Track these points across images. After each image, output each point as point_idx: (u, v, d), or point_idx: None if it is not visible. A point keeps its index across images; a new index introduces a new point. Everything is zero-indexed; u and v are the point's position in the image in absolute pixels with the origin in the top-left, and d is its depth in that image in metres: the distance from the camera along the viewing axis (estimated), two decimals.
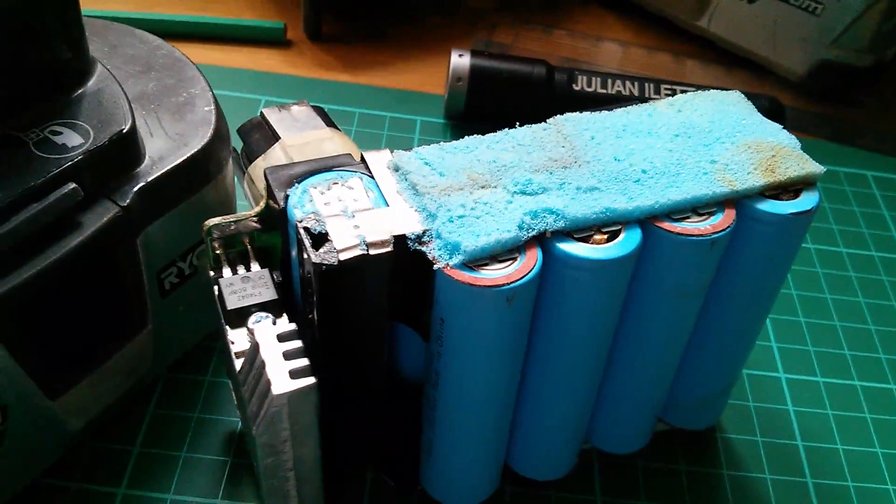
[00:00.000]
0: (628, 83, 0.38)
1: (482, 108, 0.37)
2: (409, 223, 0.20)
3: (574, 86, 0.37)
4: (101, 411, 0.24)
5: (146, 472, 0.25)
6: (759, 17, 0.43)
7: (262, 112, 0.29)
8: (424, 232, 0.20)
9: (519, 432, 0.24)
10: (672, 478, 0.27)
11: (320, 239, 0.19)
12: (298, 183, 0.21)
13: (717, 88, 0.25)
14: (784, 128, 0.38)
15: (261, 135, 0.29)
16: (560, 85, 0.37)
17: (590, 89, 0.37)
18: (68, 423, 0.23)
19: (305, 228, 0.19)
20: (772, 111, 0.38)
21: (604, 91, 0.37)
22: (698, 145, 0.22)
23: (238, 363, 0.20)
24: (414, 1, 0.47)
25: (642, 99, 0.37)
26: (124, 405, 0.26)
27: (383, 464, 0.25)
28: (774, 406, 0.30)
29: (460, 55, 0.37)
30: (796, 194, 0.22)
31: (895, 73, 0.46)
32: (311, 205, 0.20)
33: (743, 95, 0.25)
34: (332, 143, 0.28)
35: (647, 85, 0.38)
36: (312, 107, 0.30)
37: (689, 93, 0.25)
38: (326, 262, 0.19)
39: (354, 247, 0.19)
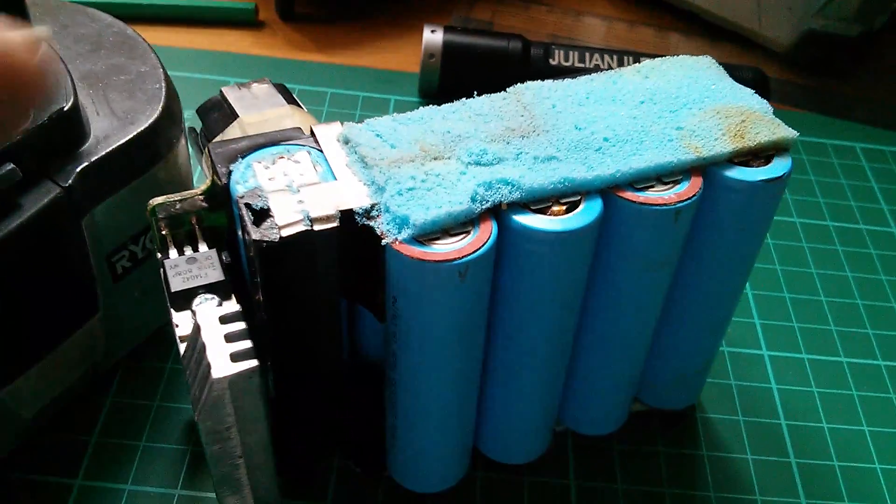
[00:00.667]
0: (606, 56, 0.36)
1: (457, 84, 0.36)
2: (356, 197, 0.19)
3: (551, 60, 0.36)
4: (54, 399, 0.24)
5: (104, 462, 0.24)
6: None
7: (221, 90, 0.28)
8: (373, 206, 0.19)
9: (487, 415, 0.24)
10: (649, 460, 0.26)
11: (262, 215, 0.18)
12: (242, 158, 0.20)
13: None
14: (769, 99, 0.37)
15: (219, 113, 0.28)
16: (536, 60, 0.36)
17: (567, 63, 0.36)
18: (19, 412, 0.23)
19: (247, 204, 0.19)
20: (756, 82, 0.37)
21: (581, 65, 0.36)
22: (664, 111, 0.22)
23: (182, 347, 0.19)
24: None
25: None
26: (81, 393, 0.25)
27: (350, 450, 0.25)
28: (757, 384, 0.29)
29: (433, 31, 0.36)
30: (767, 160, 0.21)
31: (885, 43, 0.45)
32: (253, 180, 0.19)
33: (713, 60, 0.24)
34: (292, 120, 0.27)
35: (626, 58, 0.37)
36: (274, 84, 0.29)
37: (657, 59, 0.24)
38: (267, 239, 0.18)
39: (297, 222, 0.18)
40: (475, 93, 0.22)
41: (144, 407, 0.26)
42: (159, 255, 0.21)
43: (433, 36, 0.36)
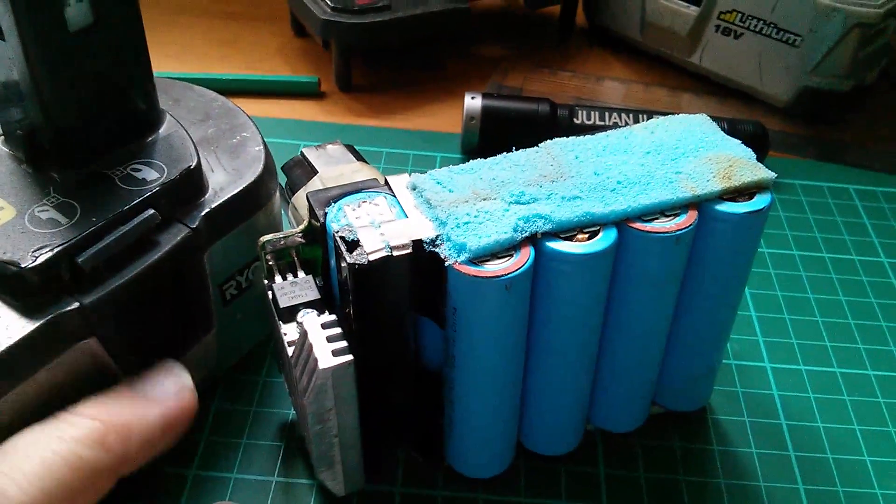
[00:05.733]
0: (624, 115, 0.42)
1: (494, 142, 0.42)
2: (424, 230, 0.24)
3: (575, 119, 0.42)
4: None
5: (213, 456, 0.30)
6: (745, 52, 0.47)
7: (301, 151, 0.34)
8: (437, 236, 0.24)
9: (529, 411, 0.28)
10: (667, 453, 0.31)
11: (353, 245, 0.24)
12: (334, 202, 0.26)
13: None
14: (770, 148, 0.43)
15: (301, 170, 0.34)
16: (563, 119, 0.42)
17: (589, 122, 0.42)
18: None
19: (341, 237, 0.24)
20: (756, 134, 0.42)
21: (602, 123, 0.42)
22: (666, 160, 0.27)
23: (290, 350, 0.25)
24: (433, 52, 0.52)
25: None
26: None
27: (413, 442, 0.30)
28: (760, 391, 0.33)
29: (472, 97, 0.42)
30: (751, 197, 0.26)
31: (875, 96, 0.50)
32: (345, 219, 0.25)
33: (707, 117, 0.29)
34: (362, 174, 0.33)
35: (641, 116, 0.42)
36: (345, 145, 0.35)
37: (661, 117, 0.29)
38: (358, 263, 0.23)
39: (380, 250, 0.24)
40: (512, 148, 0.28)
41: (244, 412, 0.31)
42: (266, 281, 0.27)
43: (473, 101, 0.42)
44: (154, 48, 0.27)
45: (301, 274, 0.27)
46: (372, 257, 0.23)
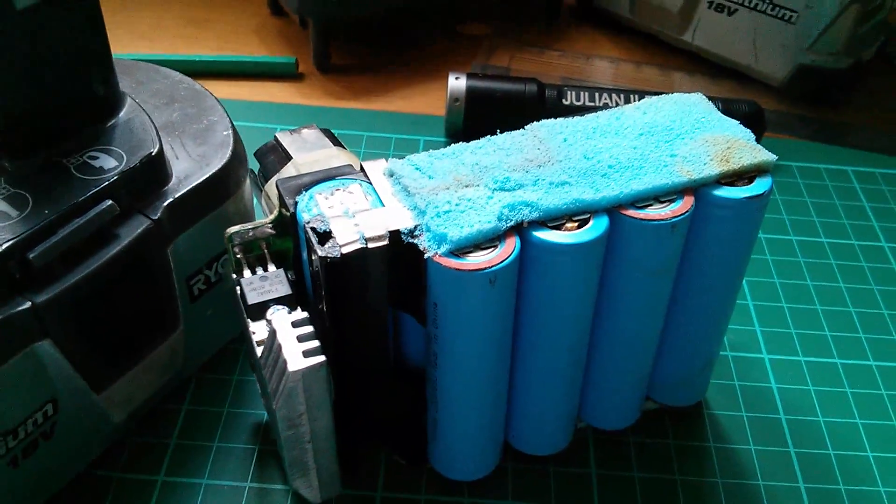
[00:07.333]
0: (614, 95, 0.40)
1: (479, 125, 0.40)
2: (402, 220, 0.23)
3: (564, 100, 0.40)
4: (141, 405, 0.27)
5: (182, 461, 0.28)
6: (738, 29, 0.46)
7: (275, 136, 0.33)
8: (416, 226, 0.22)
9: (516, 410, 0.27)
10: (662, 451, 0.29)
11: (325, 236, 0.22)
12: (306, 190, 0.24)
13: None
14: (765, 129, 0.41)
15: (275, 156, 0.32)
16: (551, 100, 0.40)
17: (578, 103, 0.40)
18: (112, 415, 0.26)
19: (312, 228, 0.22)
20: (752, 114, 0.40)
21: (592, 104, 0.40)
22: (660, 142, 0.25)
23: (259, 350, 0.23)
24: (416, 31, 0.50)
25: None
26: (161, 402, 0.29)
27: (395, 444, 0.28)
28: (758, 384, 0.32)
29: (457, 78, 0.40)
30: (750, 181, 0.25)
31: (873, 74, 0.48)
32: (317, 208, 0.23)
33: (703, 96, 0.27)
34: (339, 159, 0.31)
35: (632, 96, 0.40)
36: (321, 129, 0.33)
37: (655, 97, 0.27)
38: (331, 256, 0.22)
39: (355, 241, 0.22)
40: (498, 131, 0.26)
41: (216, 413, 0.29)
42: (234, 276, 0.25)
43: (457, 82, 0.40)
44: (123, 28, 0.26)
45: (272, 267, 0.25)
46: (345, 250, 0.22)
